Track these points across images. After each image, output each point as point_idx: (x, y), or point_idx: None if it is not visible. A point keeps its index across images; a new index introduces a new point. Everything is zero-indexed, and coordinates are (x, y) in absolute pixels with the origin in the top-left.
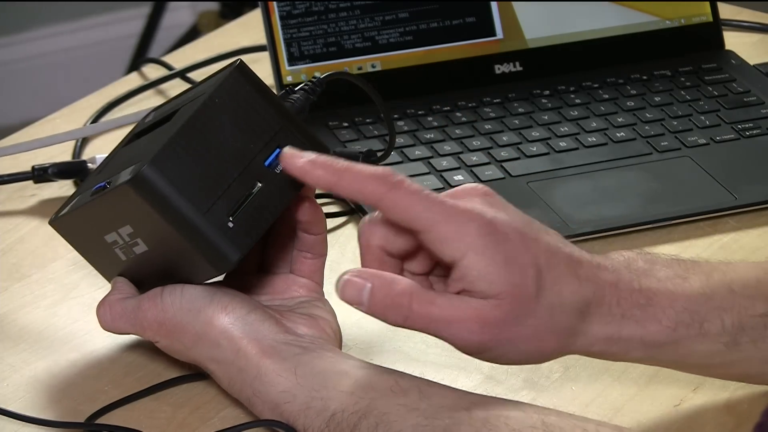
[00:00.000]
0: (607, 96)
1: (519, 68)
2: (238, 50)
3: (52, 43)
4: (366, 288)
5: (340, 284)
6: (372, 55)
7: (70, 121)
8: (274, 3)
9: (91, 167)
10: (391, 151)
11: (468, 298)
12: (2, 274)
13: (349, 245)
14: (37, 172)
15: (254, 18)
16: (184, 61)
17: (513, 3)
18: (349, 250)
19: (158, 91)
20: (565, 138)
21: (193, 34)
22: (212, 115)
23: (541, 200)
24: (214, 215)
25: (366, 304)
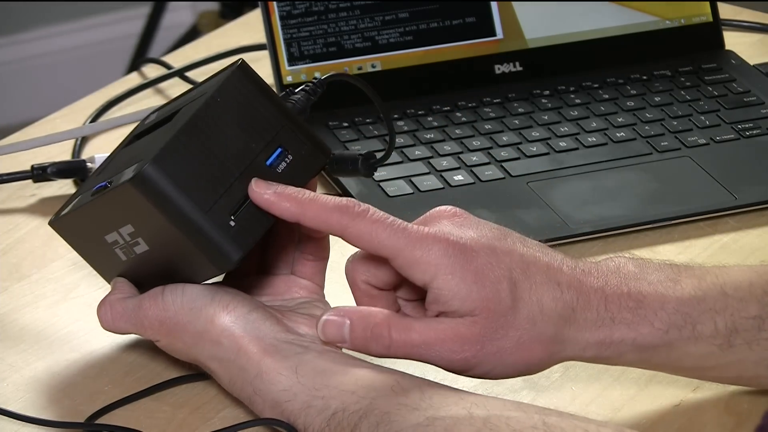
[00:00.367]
0: (607, 96)
1: (519, 68)
2: (238, 49)
3: (52, 43)
4: (345, 325)
5: (320, 326)
6: (372, 55)
7: (69, 120)
8: (274, 3)
9: (90, 167)
10: (391, 154)
11: (445, 318)
12: (2, 274)
13: (350, 246)
14: (36, 171)
15: (254, 18)
16: (184, 61)
17: (513, 3)
18: (349, 251)
19: (157, 90)
20: (565, 138)
21: (193, 34)
22: (214, 115)
23: (541, 200)
24: (215, 214)
25: (348, 340)
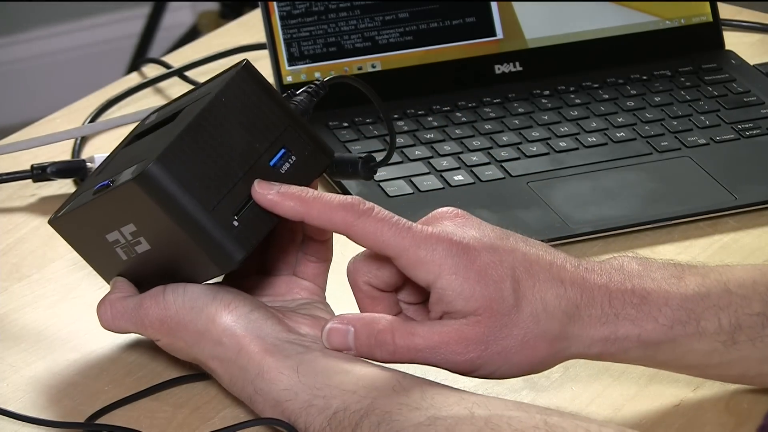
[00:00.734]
0: (607, 96)
1: (519, 68)
2: (238, 49)
3: (52, 43)
4: (350, 333)
5: (325, 334)
6: (372, 55)
7: (69, 120)
8: (274, 3)
9: (90, 166)
10: (391, 157)
11: (448, 320)
12: (2, 274)
13: (350, 246)
14: (36, 171)
15: (254, 18)
16: (184, 61)
17: (513, 3)
18: (349, 251)
19: (156, 89)
20: (565, 138)
21: (193, 34)
22: (219, 114)
23: (541, 200)
24: (219, 214)
25: (353, 347)
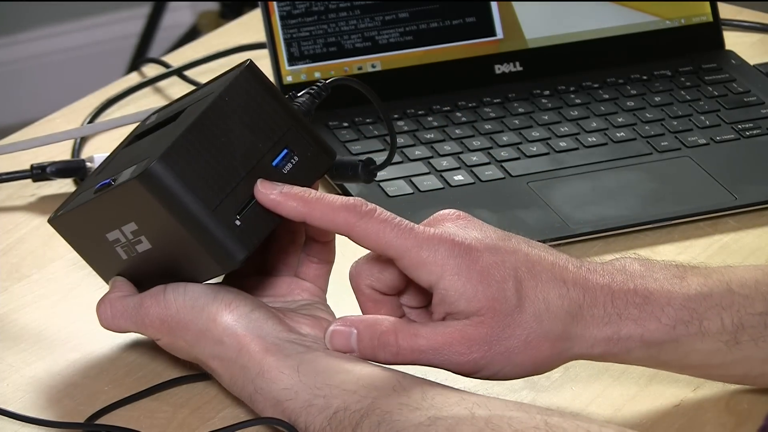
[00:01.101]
0: (607, 96)
1: (519, 68)
2: (238, 49)
3: (52, 43)
4: (353, 335)
5: (328, 336)
6: (372, 55)
7: (69, 120)
8: (274, 3)
9: (89, 166)
10: (391, 160)
11: (451, 321)
12: (2, 274)
13: (350, 246)
14: (36, 171)
15: (254, 18)
16: (184, 61)
17: (513, 3)
18: (349, 250)
19: (156, 89)
20: (565, 138)
21: (193, 34)
22: (222, 114)
23: (541, 200)
24: (221, 213)
25: (356, 349)
